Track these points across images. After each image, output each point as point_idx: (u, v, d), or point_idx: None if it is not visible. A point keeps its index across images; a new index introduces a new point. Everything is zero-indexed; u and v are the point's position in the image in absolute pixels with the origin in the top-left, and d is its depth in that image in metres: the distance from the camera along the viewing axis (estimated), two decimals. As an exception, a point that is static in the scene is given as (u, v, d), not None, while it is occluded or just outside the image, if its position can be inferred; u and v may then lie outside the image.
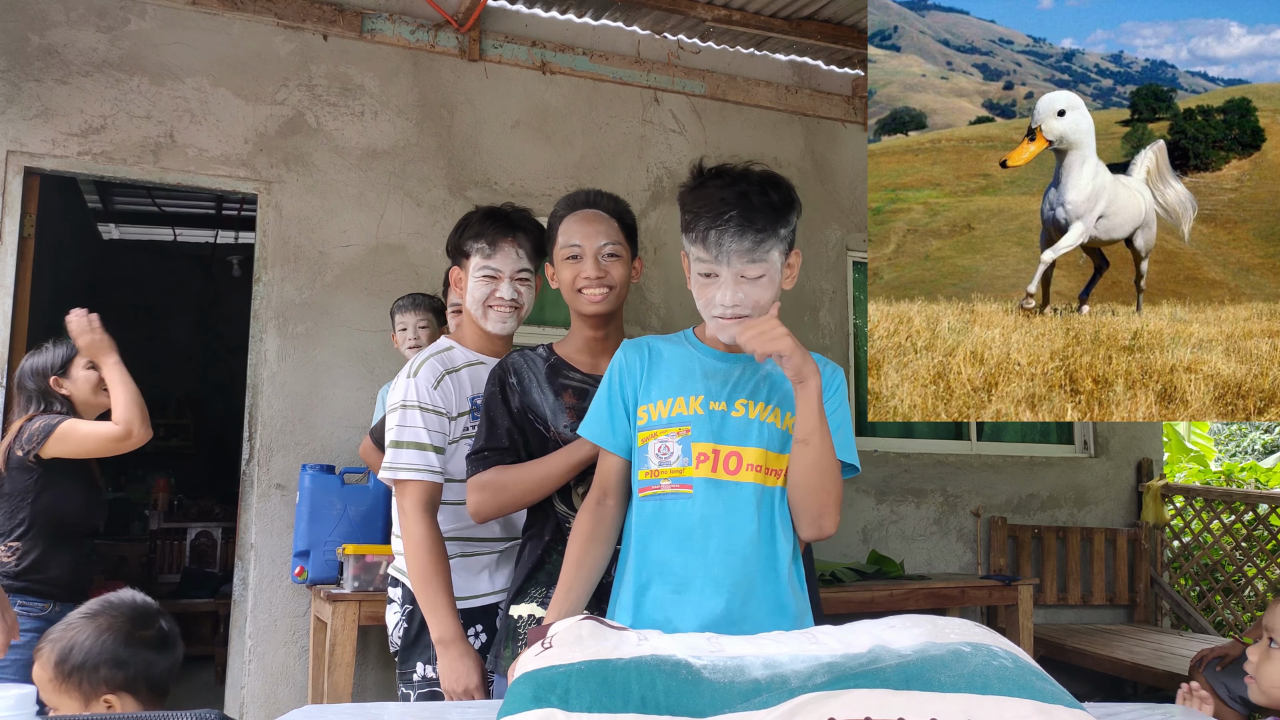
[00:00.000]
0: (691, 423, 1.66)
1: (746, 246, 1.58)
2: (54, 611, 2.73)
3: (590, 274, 1.92)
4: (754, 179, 1.63)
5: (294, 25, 4.20)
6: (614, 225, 1.98)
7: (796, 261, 1.70)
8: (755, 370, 1.71)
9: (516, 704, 1.06)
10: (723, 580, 1.60)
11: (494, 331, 2.20)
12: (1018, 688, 1.07)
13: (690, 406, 1.68)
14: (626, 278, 1.97)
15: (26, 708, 1.08)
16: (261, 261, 4.11)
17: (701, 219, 1.60)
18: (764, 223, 1.59)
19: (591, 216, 1.97)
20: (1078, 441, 5.76)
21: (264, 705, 3.92)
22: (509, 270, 2.17)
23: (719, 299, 1.61)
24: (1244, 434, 13.13)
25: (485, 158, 4.51)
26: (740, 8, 4.63)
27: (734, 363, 1.72)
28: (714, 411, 1.66)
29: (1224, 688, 3.55)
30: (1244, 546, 5.65)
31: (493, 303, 2.17)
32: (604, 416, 1.74)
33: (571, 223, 1.98)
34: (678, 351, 1.75)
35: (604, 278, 1.93)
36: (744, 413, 1.67)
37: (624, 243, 1.98)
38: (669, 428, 1.67)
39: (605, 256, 1.94)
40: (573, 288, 1.95)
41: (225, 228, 8.04)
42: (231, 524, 4.66)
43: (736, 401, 1.68)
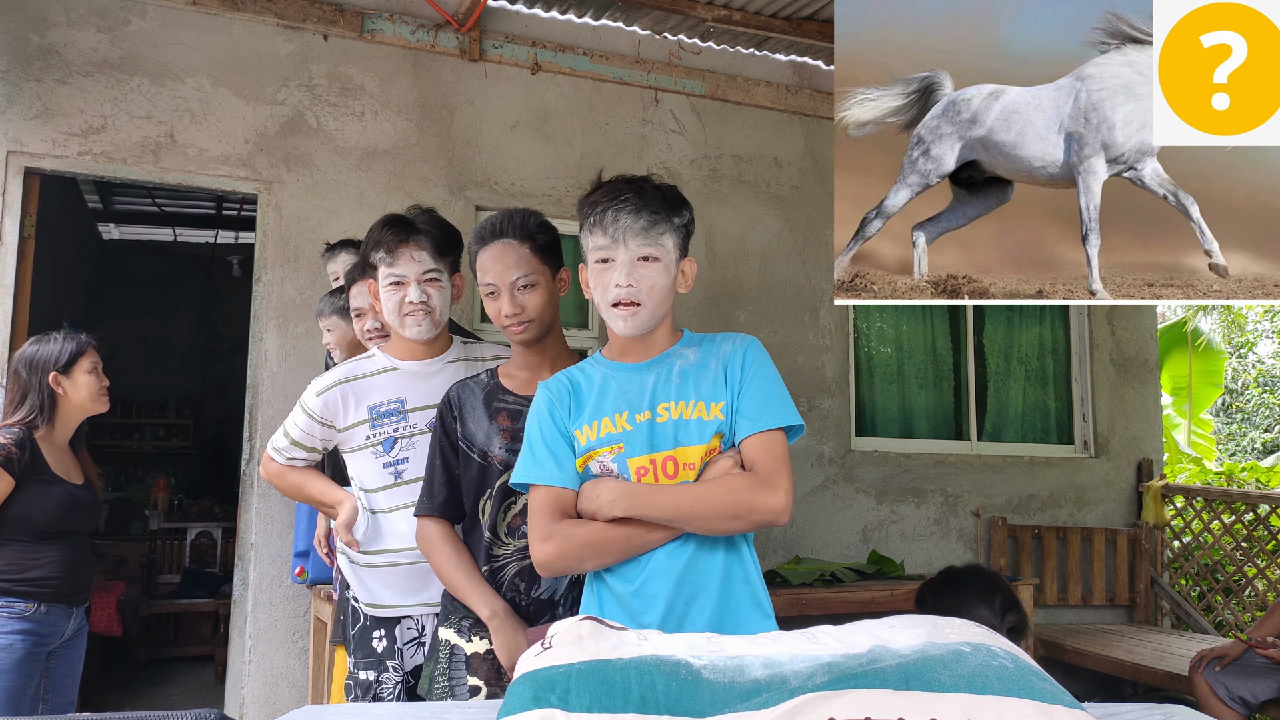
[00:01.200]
0: (622, 439, 1.69)
1: (642, 225, 1.67)
2: (39, 613, 2.69)
3: (508, 311, 1.94)
4: (648, 179, 1.76)
5: (294, 25, 4.20)
6: (525, 251, 1.96)
7: (691, 269, 1.79)
8: (668, 372, 1.74)
9: (516, 704, 1.07)
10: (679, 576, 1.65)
11: (411, 337, 2.21)
12: (1018, 688, 1.07)
13: (617, 424, 1.70)
14: (548, 300, 1.97)
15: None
16: (261, 261, 4.11)
17: (599, 204, 1.70)
18: (658, 206, 1.70)
19: (500, 251, 1.96)
20: (1078, 441, 5.76)
21: (264, 705, 3.92)
22: (413, 274, 2.17)
23: (615, 279, 1.68)
24: (1244, 434, 13.13)
25: (485, 158, 4.51)
26: (740, 8, 4.64)
27: (645, 370, 1.75)
28: (640, 423, 1.69)
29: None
30: (1244, 547, 5.65)
31: (405, 309, 2.18)
32: (546, 456, 1.71)
33: (485, 258, 1.97)
34: (592, 375, 1.79)
35: (520, 314, 1.94)
36: (667, 416, 1.69)
37: (539, 267, 1.96)
38: (603, 447, 1.70)
39: (520, 290, 1.94)
40: (498, 322, 1.97)
41: (225, 228, 8.04)
42: (231, 524, 4.66)
43: (659, 407, 1.70)
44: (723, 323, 4.83)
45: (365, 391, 2.22)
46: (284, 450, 2.35)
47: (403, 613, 2.22)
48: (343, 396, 2.22)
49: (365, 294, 2.67)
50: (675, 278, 1.74)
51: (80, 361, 2.86)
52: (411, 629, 2.22)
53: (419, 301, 2.17)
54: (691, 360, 1.75)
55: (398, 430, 2.20)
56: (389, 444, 2.20)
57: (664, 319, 1.77)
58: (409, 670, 2.21)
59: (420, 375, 2.24)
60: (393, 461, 2.21)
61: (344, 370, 2.26)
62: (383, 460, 2.22)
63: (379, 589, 2.23)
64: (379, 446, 2.21)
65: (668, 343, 1.79)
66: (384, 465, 2.22)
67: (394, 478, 2.21)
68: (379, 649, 2.21)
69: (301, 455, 2.34)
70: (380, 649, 2.21)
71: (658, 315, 1.73)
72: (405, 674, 2.21)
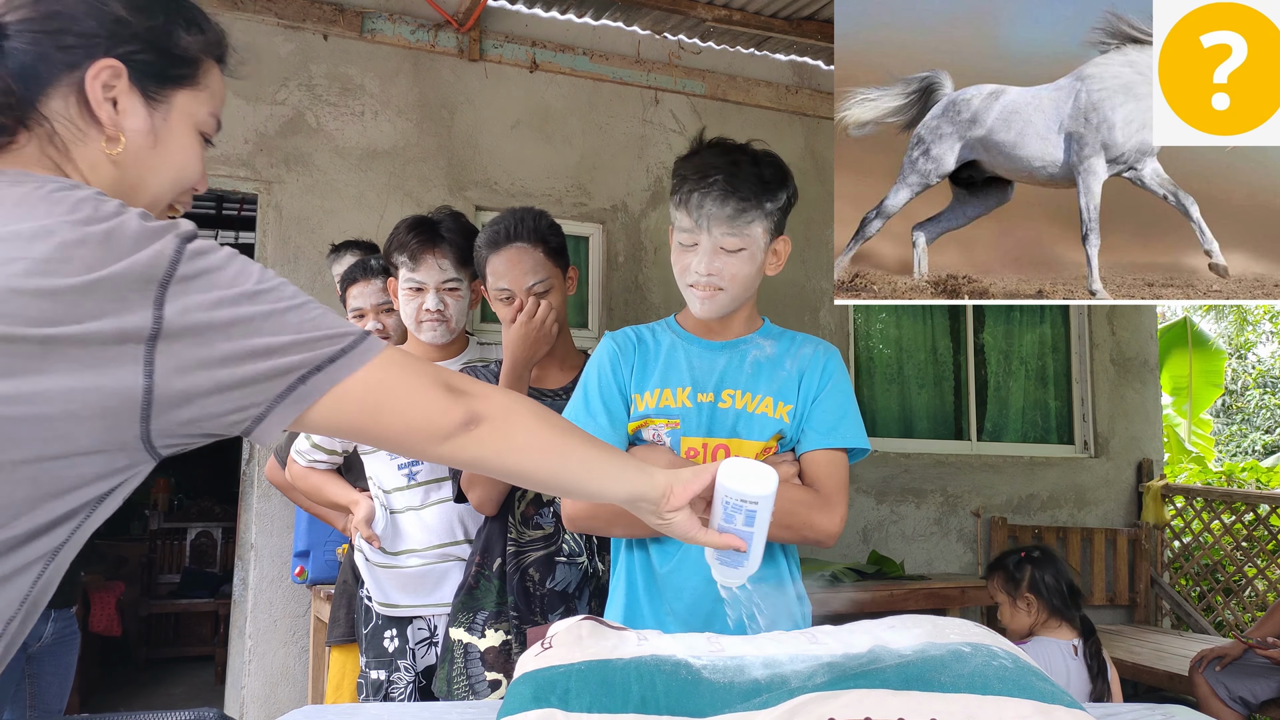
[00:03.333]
0: (680, 415, 1.62)
1: (728, 214, 1.55)
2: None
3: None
4: (747, 151, 1.64)
5: (294, 25, 4.20)
6: (539, 255, 1.94)
7: (784, 249, 1.66)
8: (741, 358, 1.66)
9: (516, 704, 1.06)
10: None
11: (425, 341, 2.23)
12: (1017, 688, 1.07)
13: (678, 399, 1.62)
14: (561, 301, 1.98)
15: None
16: (261, 261, 4.11)
17: (687, 182, 1.58)
18: (748, 192, 1.57)
19: (515, 256, 1.93)
20: (1078, 442, 5.76)
21: (264, 705, 3.92)
22: (433, 281, 2.17)
23: (694, 266, 1.58)
24: (1244, 434, 13.13)
25: (485, 158, 4.51)
26: (740, 8, 4.64)
27: (718, 351, 1.66)
28: (701, 404, 1.62)
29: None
30: (1244, 547, 5.65)
31: (421, 316, 2.19)
32: (600, 409, 1.63)
33: (498, 263, 1.94)
34: (661, 340, 1.69)
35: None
36: (731, 403, 1.62)
37: (552, 270, 1.95)
38: (660, 418, 1.63)
39: (536, 295, 1.93)
40: (510, 324, 1.95)
41: (225, 228, 8.04)
42: (231, 524, 4.66)
43: (724, 392, 1.63)
44: (723, 323, 4.82)
45: None
46: (306, 453, 2.37)
47: (414, 613, 2.23)
48: None
49: (365, 295, 2.66)
50: (763, 263, 1.63)
51: None
52: (423, 629, 2.23)
53: (436, 310, 2.17)
54: (767, 353, 1.67)
55: None
56: None
57: (746, 303, 1.67)
58: (420, 670, 2.22)
59: None
60: (407, 464, 2.22)
61: None
62: (398, 462, 2.23)
63: (392, 589, 2.24)
64: None
65: (746, 328, 1.69)
66: (399, 466, 2.23)
67: (408, 479, 2.23)
68: (390, 649, 2.22)
69: (323, 458, 2.37)
70: (392, 649, 2.22)
71: (738, 301, 1.64)
72: (417, 674, 2.22)
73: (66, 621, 2.74)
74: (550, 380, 2.04)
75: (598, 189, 4.70)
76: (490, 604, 1.98)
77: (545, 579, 1.94)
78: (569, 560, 1.96)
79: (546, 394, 2.01)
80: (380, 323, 2.64)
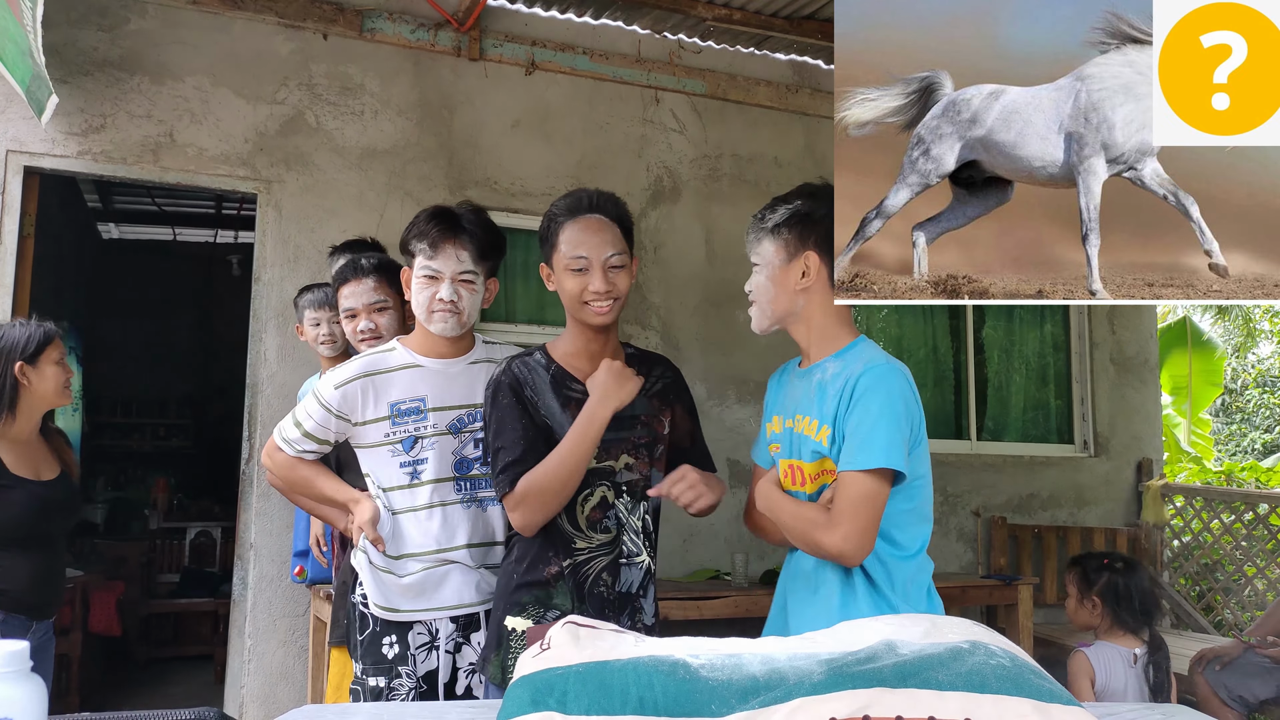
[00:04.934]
0: (779, 440, 1.86)
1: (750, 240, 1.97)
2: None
3: (599, 288, 1.89)
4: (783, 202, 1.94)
5: (294, 25, 4.20)
6: (617, 232, 1.94)
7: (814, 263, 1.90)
8: (811, 383, 1.81)
9: (514, 707, 1.06)
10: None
11: (435, 332, 2.16)
12: (1015, 686, 1.07)
13: (780, 425, 1.86)
14: (630, 285, 1.96)
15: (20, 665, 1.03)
16: (261, 261, 4.11)
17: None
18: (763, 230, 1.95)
19: (596, 225, 1.92)
20: (1078, 441, 5.76)
21: (264, 705, 3.92)
22: (450, 271, 2.12)
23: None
24: (1244, 434, 13.12)
25: (485, 157, 4.51)
26: (740, 7, 4.63)
27: (803, 377, 1.87)
28: (786, 429, 1.84)
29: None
30: (1244, 546, 5.64)
31: (434, 305, 2.13)
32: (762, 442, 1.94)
33: (576, 231, 1.92)
34: (788, 370, 1.97)
35: (611, 290, 1.91)
36: (798, 428, 1.80)
37: (627, 249, 1.95)
38: (774, 443, 1.90)
39: (612, 269, 1.91)
40: (578, 299, 1.91)
41: (225, 227, 8.05)
42: (231, 524, 4.66)
43: (796, 416, 1.82)
44: (722, 323, 4.82)
45: (386, 387, 2.15)
46: (295, 442, 2.25)
47: (414, 617, 2.17)
48: (363, 390, 2.14)
49: (357, 294, 2.63)
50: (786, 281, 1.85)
51: (48, 351, 2.64)
52: (423, 634, 2.17)
53: (449, 300, 2.12)
54: (829, 374, 1.79)
55: (419, 429, 2.14)
56: (409, 443, 2.14)
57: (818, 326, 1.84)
58: (422, 675, 2.16)
59: (442, 374, 2.18)
60: (411, 461, 2.15)
61: (364, 364, 2.19)
62: (400, 459, 2.15)
63: (394, 593, 2.17)
64: (399, 445, 2.15)
65: (824, 351, 1.85)
66: (401, 465, 2.16)
67: (410, 478, 2.15)
68: (389, 655, 2.16)
69: (312, 448, 2.25)
70: (391, 655, 2.16)
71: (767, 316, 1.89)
72: (419, 679, 2.16)
73: (45, 632, 2.67)
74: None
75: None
76: (566, 605, 1.93)
77: (615, 582, 1.95)
78: (629, 561, 1.96)
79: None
80: (373, 322, 2.60)
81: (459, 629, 2.17)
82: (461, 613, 2.16)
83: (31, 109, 3.19)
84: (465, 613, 2.17)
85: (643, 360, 2.07)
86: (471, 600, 2.17)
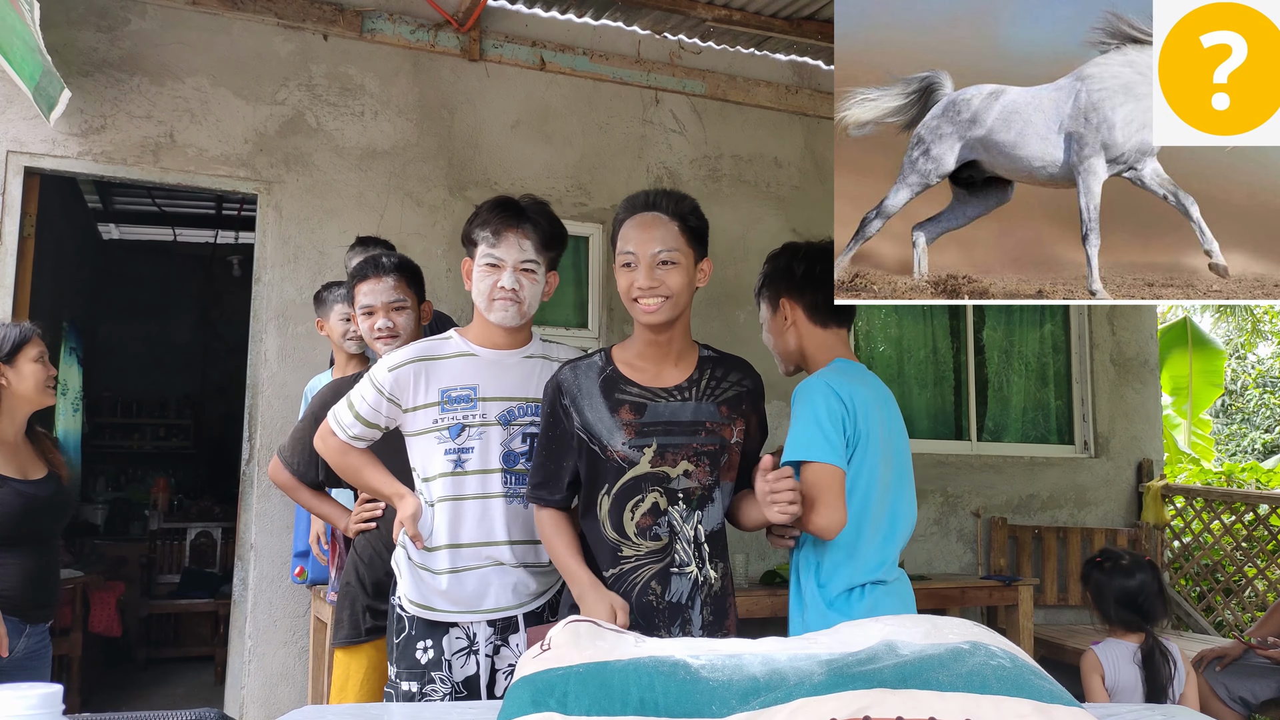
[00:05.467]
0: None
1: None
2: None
3: (642, 284, 1.86)
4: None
5: (294, 25, 4.20)
6: (673, 229, 1.90)
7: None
8: None
9: (515, 708, 1.06)
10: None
11: (494, 322, 2.12)
12: (1015, 687, 1.07)
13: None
14: (686, 283, 1.90)
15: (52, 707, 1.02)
16: (261, 261, 4.11)
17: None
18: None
19: (649, 221, 1.90)
20: (1078, 442, 5.76)
21: (264, 705, 3.91)
22: (512, 260, 2.08)
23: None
24: (1244, 435, 13.12)
25: (485, 158, 4.51)
26: (740, 8, 4.64)
27: None
28: None
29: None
30: (1244, 547, 5.64)
31: (495, 293, 2.09)
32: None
33: (629, 228, 1.91)
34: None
35: (657, 288, 1.86)
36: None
37: (684, 247, 1.90)
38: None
39: (661, 265, 1.87)
40: (628, 296, 1.90)
41: (225, 228, 8.04)
42: (231, 524, 4.66)
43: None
44: (723, 323, 4.82)
45: (438, 373, 2.11)
46: (348, 426, 2.18)
47: (451, 619, 2.11)
48: (415, 374, 2.10)
49: (376, 292, 2.57)
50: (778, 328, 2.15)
51: (25, 349, 2.61)
52: (461, 638, 2.11)
53: (510, 288, 2.08)
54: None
55: (467, 417, 2.09)
56: (455, 430, 2.09)
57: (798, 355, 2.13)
58: (460, 681, 2.10)
59: (497, 365, 2.14)
60: (456, 449, 2.09)
61: (419, 348, 2.15)
62: (446, 446, 2.10)
63: (429, 591, 2.12)
64: (445, 431, 2.10)
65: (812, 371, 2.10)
66: (446, 452, 2.10)
67: (454, 466, 2.10)
68: (423, 660, 2.10)
69: (364, 432, 2.19)
70: (425, 660, 2.10)
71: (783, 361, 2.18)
72: (455, 684, 2.10)
73: (40, 636, 2.64)
74: (667, 378, 1.97)
75: (598, 189, 4.69)
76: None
77: (665, 591, 1.88)
78: (680, 570, 1.90)
79: (660, 393, 1.94)
80: (390, 320, 2.55)
81: (496, 632, 2.11)
82: (499, 616, 2.11)
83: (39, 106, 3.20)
84: (503, 616, 2.11)
85: (719, 363, 2.02)
86: (509, 604, 2.11)
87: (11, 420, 2.64)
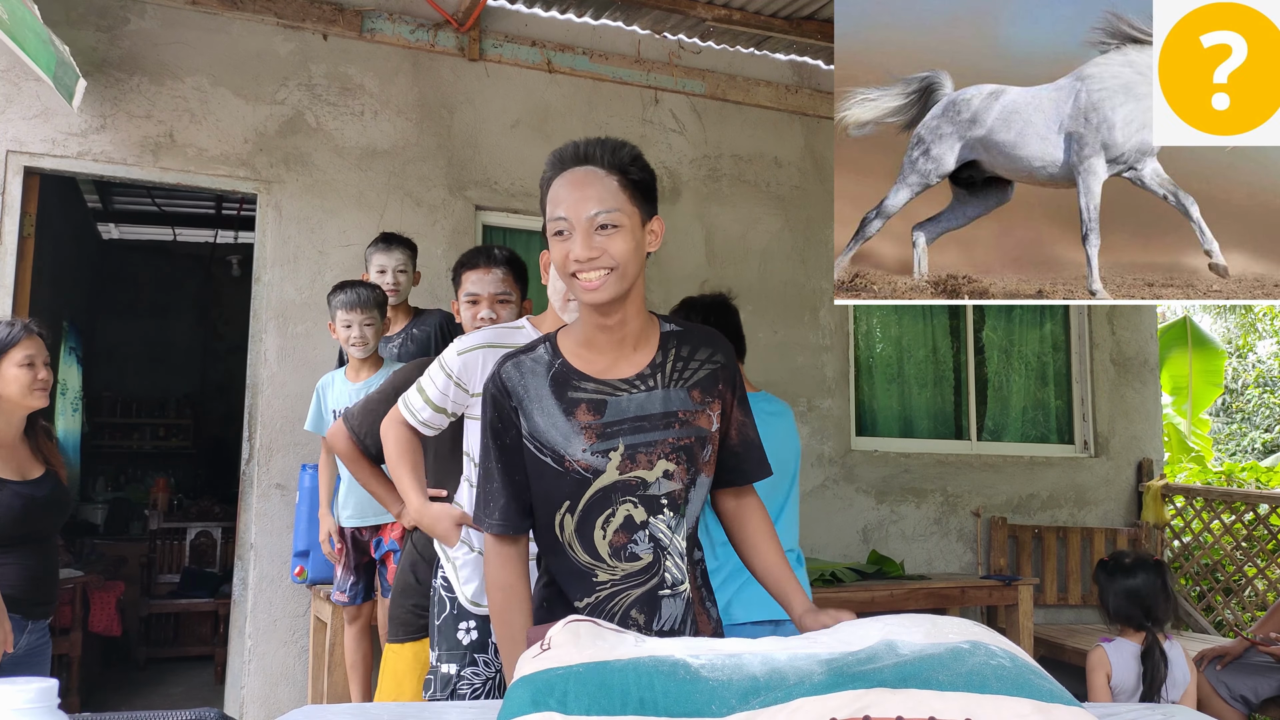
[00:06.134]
0: None
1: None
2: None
3: (580, 254, 1.49)
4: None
5: (294, 25, 4.20)
6: (612, 185, 1.56)
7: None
8: None
9: (514, 708, 1.06)
10: None
11: (569, 321, 2.01)
12: (1016, 687, 1.07)
13: None
14: (633, 249, 1.52)
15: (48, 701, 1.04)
16: (261, 261, 4.11)
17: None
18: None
19: (582, 178, 1.55)
20: (1078, 441, 5.76)
21: (264, 705, 3.92)
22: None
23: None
24: (1244, 434, 13.13)
25: (485, 157, 4.51)
26: (740, 8, 4.64)
27: None
28: None
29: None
30: (1244, 546, 5.64)
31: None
32: None
33: (559, 188, 1.55)
34: None
35: (598, 258, 1.49)
36: None
37: (627, 205, 1.55)
38: None
39: (599, 230, 1.50)
40: (565, 270, 1.51)
41: (225, 228, 8.04)
42: (231, 524, 4.66)
43: None
44: (723, 322, 4.82)
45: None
46: (418, 410, 2.10)
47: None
48: (483, 360, 2.02)
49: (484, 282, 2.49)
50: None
51: (10, 353, 2.55)
52: None
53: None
54: None
55: None
56: None
57: None
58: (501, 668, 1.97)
59: None
60: None
61: (490, 334, 2.10)
62: None
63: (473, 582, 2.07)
64: None
65: None
66: None
67: None
68: (465, 641, 2.03)
69: (432, 417, 2.12)
70: (467, 641, 2.03)
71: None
72: (498, 671, 1.98)
73: (41, 633, 2.65)
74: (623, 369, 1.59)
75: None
76: None
77: (652, 620, 1.54)
78: (673, 591, 1.56)
79: (621, 385, 1.57)
80: (495, 312, 2.49)
81: None
82: None
83: (61, 95, 3.24)
84: None
85: (684, 338, 1.63)
86: None
87: (8, 423, 2.64)
